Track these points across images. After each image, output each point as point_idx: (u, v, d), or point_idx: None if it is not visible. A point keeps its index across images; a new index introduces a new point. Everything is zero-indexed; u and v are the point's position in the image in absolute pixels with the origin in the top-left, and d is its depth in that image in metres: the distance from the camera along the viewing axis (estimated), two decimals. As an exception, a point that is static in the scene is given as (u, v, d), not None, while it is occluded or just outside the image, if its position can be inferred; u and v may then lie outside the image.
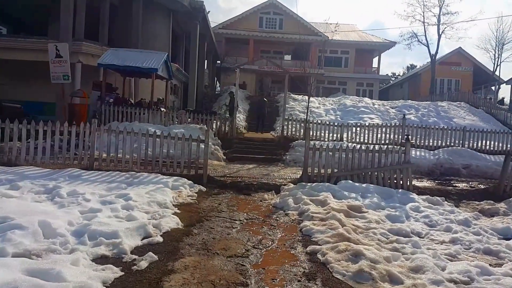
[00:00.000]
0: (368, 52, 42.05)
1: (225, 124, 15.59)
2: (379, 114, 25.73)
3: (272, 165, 13.05)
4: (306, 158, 9.55)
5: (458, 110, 27.34)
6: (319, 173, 9.55)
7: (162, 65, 15.65)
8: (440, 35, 35.62)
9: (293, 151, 13.95)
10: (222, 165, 12.44)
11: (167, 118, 15.12)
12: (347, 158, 9.60)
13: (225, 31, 37.29)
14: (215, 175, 10.09)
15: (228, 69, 34.49)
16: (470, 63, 38.69)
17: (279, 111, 24.70)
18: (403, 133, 15.34)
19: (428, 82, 37.16)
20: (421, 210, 7.90)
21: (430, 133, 15.34)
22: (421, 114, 25.99)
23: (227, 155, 13.63)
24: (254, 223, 6.59)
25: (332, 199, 7.85)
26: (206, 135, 9.43)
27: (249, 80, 35.65)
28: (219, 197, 8.42)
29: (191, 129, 13.72)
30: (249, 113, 23.85)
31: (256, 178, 10.17)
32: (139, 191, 7.37)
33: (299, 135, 15.41)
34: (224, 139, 14.84)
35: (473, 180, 12.27)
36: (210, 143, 12.48)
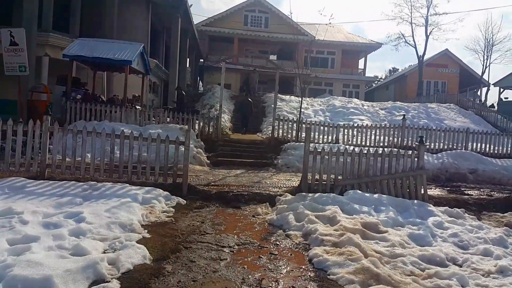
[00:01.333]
0: (355, 53, 41.05)
1: (209, 125, 13.98)
2: (369, 115, 24.68)
3: (263, 170, 11.52)
4: (306, 164, 8.05)
5: (448, 111, 26.59)
6: (321, 181, 8.07)
7: (137, 58, 13.98)
8: (428, 36, 34.76)
9: (285, 155, 12.45)
10: (205, 170, 10.84)
11: (143, 117, 13.44)
12: (353, 164, 8.15)
13: (208, 28, 35.67)
14: (197, 184, 8.49)
15: (211, 68, 32.92)
16: (457, 65, 38.05)
17: (266, 112, 23.31)
18: (402, 135, 14.03)
19: (414, 84, 36.34)
20: (446, 226, 6.53)
21: (432, 135, 14.08)
22: (411, 115, 25.09)
23: (212, 159, 12.04)
24: (248, 250, 5.03)
25: (342, 214, 6.37)
26: (187, 136, 7.84)
27: (233, 80, 34.26)
28: (202, 212, 6.84)
29: (170, 130, 12.08)
30: (234, 114, 22.30)
31: (246, 187, 8.62)
32: (97, 208, 5.73)
33: (291, 136, 13.92)
34: (208, 141, 13.25)
35: (483, 187, 11.02)
36: (191, 146, 10.88)
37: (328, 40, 37.95)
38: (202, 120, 13.91)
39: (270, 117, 21.70)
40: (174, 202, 7.07)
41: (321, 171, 8.07)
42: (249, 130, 17.87)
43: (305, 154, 8.05)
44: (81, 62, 14.41)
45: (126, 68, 13.69)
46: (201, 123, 13.89)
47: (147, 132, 11.05)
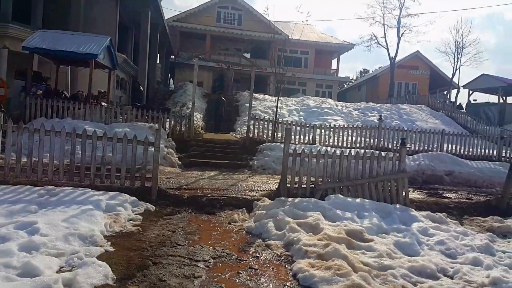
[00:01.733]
0: (328, 54, 41.11)
1: (180, 123, 13.32)
2: (343, 115, 24.62)
3: (238, 172, 11.01)
4: (285, 166, 7.59)
5: (419, 113, 26.88)
6: (300, 184, 7.63)
7: (103, 51, 13.16)
8: (400, 37, 35.05)
9: (261, 156, 11.97)
10: (177, 172, 10.23)
11: (109, 114, 12.66)
12: (333, 166, 7.75)
13: (180, 24, 34.77)
14: (168, 187, 7.89)
15: (183, 65, 32.11)
16: (427, 67, 38.67)
17: (239, 111, 22.79)
18: (379, 136, 13.82)
19: (386, 85, 36.64)
20: (431, 233, 6.23)
21: (408, 136, 13.94)
22: (384, 116, 25.09)
23: (183, 160, 11.42)
24: (225, 264, 4.51)
25: (324, 221, 5.93)
26: (157, 135, 7.23)
27: (206, 78, 33.60)
28: (173, 220, 6.26)
29: (139, 128, 11.39)
30: (206, 112, 21.65)
31: (221, 191, 8.08)
32: (54, 217, 5.06)
33: (267, 136, 13.45)
34: (179, 140, 12.60)
35: (460, 189, 10.92)
36: (162, 146, 10.25)
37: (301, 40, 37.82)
38: (173, 119, 13.24)
39: (244, 116, 21.21)
40: (142, 208, 6.46)
41: (301, 174, 7.63)
42: (222, 130, 17.32)
43: (284, 156, 7.59)
44: (43, 55, 13.45)
45: (91, 62, 12.86)
46: (172, 122, 13.23)
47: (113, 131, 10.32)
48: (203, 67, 33.80)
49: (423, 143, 14.03)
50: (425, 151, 13.71)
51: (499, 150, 14.10)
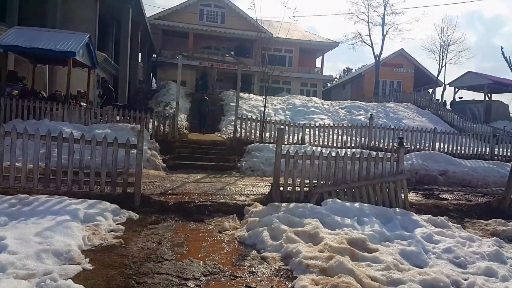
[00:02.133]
0: (312, 52, 40.85)
1: (164, 124, 12.74)
2: (329, 114, 24.40)
3: (226, 174, 10.51)
4: (277, 169, 7.14)
5: (406, 111, 26.88)
6: (294, 188, 7.19)
7: (82, 49, 12.50)
8: (385, 35, 35.15)
9: (250, 157, 11.50)
10: (161, 175, 9.68)
11: (89, 115, 12.01)
12: (329, 168, 7.33)
13: (162, 22, 34.02)
14: (152, 193, 7.36)
15: (165, 64, 31.38)
16: (412, 65, 38.75)
17: (224, 110, 22.33)
18: (370, 135, 13.49)
19: (371, 83, 36.65)
20: (436, 239, 5.85)
21: (399, 135, 13.64)
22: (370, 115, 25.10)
23: (168, 162, 10.87)
24: (218, 283, 4.02)
25: (323, 229, 5.50)
26: (140, 137, 6.68)
27: (189, 77, 32.97)
28: (158, 229, 5.74)
29: (120, 130, 10.80)
30: (190, 112, 21.08)
31: (209, 195, 7.58)
32: (26, 230, 4.50)
33: (255, 137, 12.97)
34: (163, 142, 12.03)
35: (456, 189, 10.65)
36: (145, 148, 9.70)
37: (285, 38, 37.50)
38: (156, 119, 12.65)
39: (229, 115, 20.73)
40: (125, 217, 5.93)
41: (295, 177, 7.19)
42: (207, 130, 16.83)
43: (277, 158, 7.14)
44: (19, 53, 12.72)
45: (69, 61, 12.19)
46: (155, 122, 12.63)
47: (92, 133, 9.75)
48: (186, 66, 33.14)
49: (415, 142, 13.76)
50: (417, 150, 13.44)
51: (491, 149, 13.93)
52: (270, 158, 11.21)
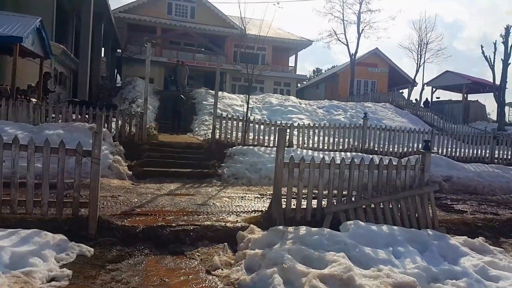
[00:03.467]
0: (285, 50, 39.64)
1: (130, 123, 10.88)
2: (308, 114, 23.20)
3: (205, 183, 8.83)
4: (279, 181, 5.55)
5: (385, 111, 26.12)
6: (299, 205, 5.63)
7: (32, 35, 10.51)
8: (360, 33, 34.30)
9: (232, 162, 9.85)
10: (126, 187, 7.89)
11: (39, 113, 10.02)
12: (342, 179, 5.82)
13: (127, 15, 31.87)
14: (114, 213, 5.61)
15: (131, 60, 29.29)
16: (386, 65, 38.21)
17: (196, 109, 20.61)
18: (364, 137, 12.13)
19: (346, 83, 35.82)
20: (493, 275, 4.48)
21: (395, 136, 12.38)
22: (350, 115, 24.21)
23: (135, 169, 9.07)
24: None
25: (354, 268, 3.96)
26: (96, 140, 4.92)
27: (157, 74, 31.12)
28: (121, 272, 4.03)
29: (76, 130, 8.93)
30: (159, 111, 19.22)
31: (189, 214, 5.89)
32: None
33: (237, 138, 11.30)
34: (129, 144, 10.20)
35: (465, 198, 9.38)
36: (106, 152, 7.93)
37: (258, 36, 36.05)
38: (121, 118, 10.78)
39: (202, 115, 19.04)
40: (74, 254, 4.19)
41: (300, 191, 5.63)
42: (180, 131, 15.15)
43: (278, 167, 5.55)
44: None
45: (15, 48, 10.17)
46: (119, 122, 10.77)
47: (42, 134, 7.88)
48: (154, 63, 31.05)
49: (412, 143, 12.51)
50: (415, 153, 12.20)
51: (491, 151, 12.88)
52: (256, 163, 9.64)
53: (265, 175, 9.30)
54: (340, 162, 5.83)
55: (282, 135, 5.58)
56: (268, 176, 9.30)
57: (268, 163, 9.61)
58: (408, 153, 12.21)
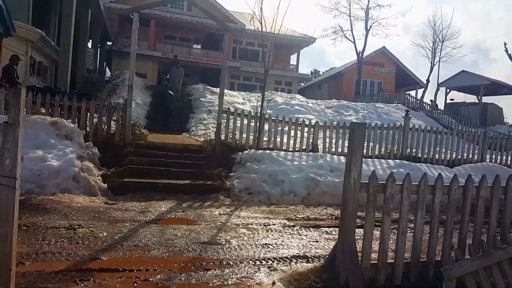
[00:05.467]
0: (287, 48, 37.33)
1: (110, 118, 8.39)
2: (316, 114, 20.90)
3: (209, 201, 6.37)
4: (353, 215, 3.14)
5: (398, 112, 23.93)
6: (383, 258, 3.22)
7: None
8: (368, 30, 32.04)
9: (244, 171, 7.40)
10: (95, 208, 5.41)
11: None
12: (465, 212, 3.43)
13: (118, 5, 29.34)
14: (51, 271, 3.15)
15: (121, 54, 26.79)
16: (393, 64, 36.10)
17: (193, 106, 18.23)
18: (405, 140, 9.71)
19: (351, 83, 33.69)
20: None
21: (443, 139, 10.02)
22: (362, 115, 21.97)
23: (113, 180, 6.59)
24: None
25: None
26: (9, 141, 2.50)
27: (150, 69, 28.85)
28: None
29: (33, 125, 6.46)
30: (151, 107, 16.78)
31: (189, 269, 3.45)
32: None
33: (248, 140, 8.81)
34: (108, 145, 7.72)
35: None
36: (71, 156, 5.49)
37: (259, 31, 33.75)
38: (99, 111, 8.27)
39: (199, 112, 16.64)
40: None
41: (386, 235, 3.22)
42: (171, 129, 12.82)
43: (350, 192, 3.13)
44: None
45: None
46: (94, 116, 8.25)
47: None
48: (147, 57, 28.82)
49: (461, 149, 10.11)
50: (466, 161, 9.86)
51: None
52: (276, 173, 7.23)
53: (289, 189, 6.90)
54: (452, 184, 3.43)
55: (359, 137, 3.16)
56: (293, 191, 6.90)
57: (292, 173, 7.22)
58: (457, 161, 9.84)
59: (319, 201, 6.94)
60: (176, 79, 18.22)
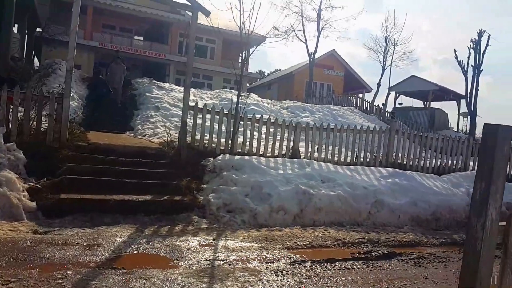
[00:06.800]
0: (237, 45, 35.87)
1: (40, 112, 6.43)
2: (273, 114, 19.70)
3: (180, 224, 4.75)
4: None
5: (353, 115, 23.54)
6: None
7: None
8: (320, 31, 31.62)
9: (220, 181, 5.83)
10: (20, 241, 3.64)
11: None
12: None
13: (51, -11, 26.35)
14: None
15: (53, 41, 23.99)
16: (342, 68, 36.09)
17: (137, 103, 16.28)
18: (391, 146, 8.61)
19: (302, 84, 33.14)
20: None
21: (427, 143, 9.09)
22: (318, 117, 21.14)
23: (45, 197, 4.76)
24: None
25: None
26: None
27: (86, 59, 26.20)
28: None
29: None
30: (87, 102, 14.60)
31: None
32: None
33: (220, 142, 7.17)
34: (37, 148, 5.81)
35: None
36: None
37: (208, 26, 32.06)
38: (26, 102, 6.30)
39: (145, 109, 14.74)
40: None
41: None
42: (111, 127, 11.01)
43: (484, 247, 1.80)
44: None
45: None
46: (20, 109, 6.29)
47: None
48: (83, 47, 25.96)
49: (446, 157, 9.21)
50: (451, 168, 9.03)
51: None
52: (260, 184, 5.80)
53: (277, 205, 5.49)
54: None
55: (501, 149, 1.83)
56: (283, 208, 5.50)
57: (280, 185, 5.82)
58: (442, 168, 8.97)
59: (313, 219, 5.62)
60: (116, 79, 15.23)
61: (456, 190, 7.35)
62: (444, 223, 6.35)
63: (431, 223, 6.23)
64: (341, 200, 5.82)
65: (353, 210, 5.82)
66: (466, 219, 6.75)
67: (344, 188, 6.02)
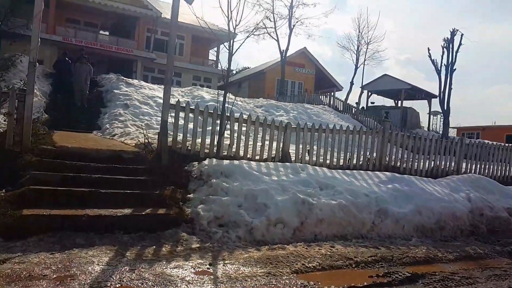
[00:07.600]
0: (206, 41, 35.06)
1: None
2: (247, 113, 19.09)
3: (167, 245, 4.03)
4: None
5: (327, 114, 23.36)
6: None
7: None
8: (292, 29, 31.20)
9: (208, 190, 5.13)
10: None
11: None
12: None
13: (10, -21, 24.61)
14: None
15: (12, 35, 22.62)
16: (313, 66, 35.95)
17: (104, 100, 15.24)
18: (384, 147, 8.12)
19: (273, 82, 32.79)
20: None
21: (421, 145, 8.65)
22: (293, 116, 20.77)
23: (4, 213, 3.95)
24: None
25: None
26: None
27: (48, 55, 24.92)
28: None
29: None
30: (50, 100, 13.52)
31: None
32: None
33: (204, 145, 6.45)
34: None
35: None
36: None
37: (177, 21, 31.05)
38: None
39: (113, 107, 13.72)
40: None
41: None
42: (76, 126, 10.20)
43: None
44: None
45: None
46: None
47: None
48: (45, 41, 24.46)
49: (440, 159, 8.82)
50: (444, 171, 8.68)
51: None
52: (254, 194, 5.16)
53: (275, 218, 4.87)
54: None
55: None
56: (282, 221, 4.89)
57: (276, 194, 5.20)
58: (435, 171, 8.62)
59: (315, 233, 5.04)
60: (81, 80, 13.88)
61: (457, 196, 6.96)
62: (449, 233, 5.93)
63: (436, 233, 5.80)
64: (343, 209, 5.26)
65: (356, 220, 5.28)
66: (470, 227, 6.39)
67: (345, 196, 5.47)
